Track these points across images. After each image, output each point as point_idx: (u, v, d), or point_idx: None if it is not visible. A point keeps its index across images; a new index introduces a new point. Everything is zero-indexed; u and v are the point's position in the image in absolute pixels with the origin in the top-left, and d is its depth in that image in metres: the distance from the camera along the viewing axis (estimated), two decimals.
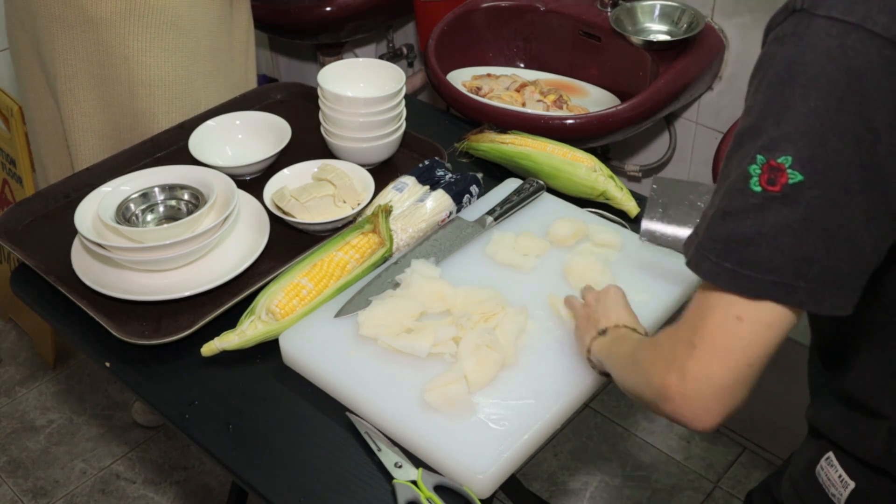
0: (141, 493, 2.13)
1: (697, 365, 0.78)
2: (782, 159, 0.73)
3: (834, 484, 0.94)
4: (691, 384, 0.78)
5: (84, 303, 1.24)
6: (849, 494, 0.93)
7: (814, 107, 0.72)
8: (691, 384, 0.78)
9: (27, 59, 1.72)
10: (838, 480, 0.94)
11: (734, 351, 0.77)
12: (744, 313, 0.76)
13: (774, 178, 0.73)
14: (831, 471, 0.94)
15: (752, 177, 0.74)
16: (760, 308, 0.76)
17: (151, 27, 1.61)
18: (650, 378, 0.83)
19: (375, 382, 1.11)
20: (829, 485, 0.95)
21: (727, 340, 0.77)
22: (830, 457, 0.95)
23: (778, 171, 0.73)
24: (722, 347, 0.77)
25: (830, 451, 0.95)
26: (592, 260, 1.26)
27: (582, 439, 2.22)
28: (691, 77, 1.84)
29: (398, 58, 2.56)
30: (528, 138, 1.49)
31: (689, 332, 0.79)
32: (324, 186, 1.39)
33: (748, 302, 0.76)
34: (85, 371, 2.43)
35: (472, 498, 1.00)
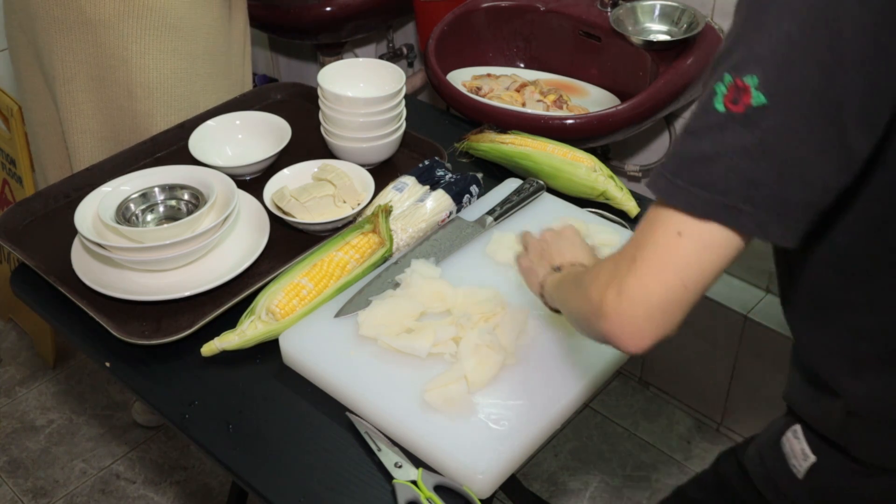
0: (141, 493, 2.13)
1: (636, 280, 0.76)
2: (748, 79, 0.72)
3: (796, 456, 0.95)
4: (626, 301, 0.76)
5: (84, 303, 1.24)
6: (808, 467, 0.94)
7: (786, 31, 0.71)
8: (626, 301, 0.76)
9: (26, 60, 1.72)
10: (801, 453, 0.95)
11: (670, 267, 0.75)
12: (685, 229, 0.75)
13: (738, 98, 0.72)
14: (796, 443, 0.96)
15: (716, 95, 0.73)
16: (702, 227, 0.74)
17: (150, 29, 1.61)
18: (589, 294, 0.81)
19: (375, 382, 1.11)
20: (791, 456, 0.96)
21: (665, 255, 0.75)
22: (797, 429, 0.96)
23: (743, 92, 0.72)
24: (660, 262, 0.75)
25: (798, 424, 0.97)
26: None
27: (582, 439, 2.22)
28: (691, 77, 1.84)
29: (398, 58, 2.56)
30: (528, 138, 1.49)
31: (633, 248, 0.78)
32: (324, 186, 1.39)
33: (691, 219, 0.74)
34: (85, 371, 2.43)
35: (472, 498, 1.00)
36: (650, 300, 0.76)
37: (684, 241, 0.75)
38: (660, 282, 0.75)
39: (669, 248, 0.75)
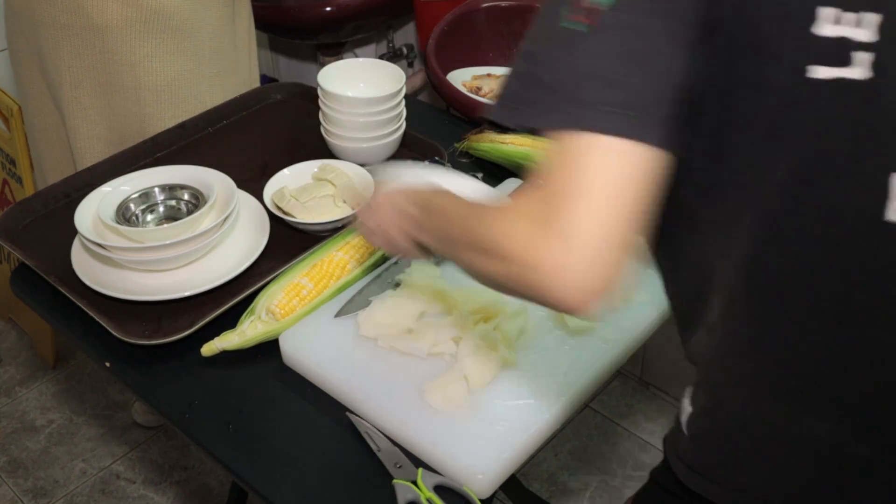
0: (141, 493, 2.13)
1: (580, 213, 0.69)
2: None
3: (683, 414, 0.95)
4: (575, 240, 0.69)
5: (84, 303, 1.24)
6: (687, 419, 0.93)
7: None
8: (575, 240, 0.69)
9: (28, 66, 1.71)
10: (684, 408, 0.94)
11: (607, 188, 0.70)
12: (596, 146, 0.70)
13: (586, 10, 0.71)
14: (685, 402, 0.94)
15: (560, 16, 0.73)
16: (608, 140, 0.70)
17: (157, 32, 1.61)
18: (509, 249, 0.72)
19: (375, 382, 1.11)
20: (681, 415, 0.95)
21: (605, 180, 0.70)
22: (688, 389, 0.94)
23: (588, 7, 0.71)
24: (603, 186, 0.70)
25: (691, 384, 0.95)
26: None
27: (582, 439, 2.22)
28: None
29: (398, 58, 2.56)
30: (528, 138, 1.49)
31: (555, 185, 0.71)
32: (324, 186, 1.39)
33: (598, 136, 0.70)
34: (85, 371, 2.43)
35: (472, 498, 1.00)
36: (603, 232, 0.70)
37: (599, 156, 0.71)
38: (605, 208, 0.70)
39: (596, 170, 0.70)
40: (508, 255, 0.72)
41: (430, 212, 0.89)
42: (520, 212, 0.73)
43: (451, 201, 0.86)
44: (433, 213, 0.88)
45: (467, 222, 0.80)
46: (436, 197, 0.90)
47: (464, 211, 0.82)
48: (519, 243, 0.71)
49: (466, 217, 0.81)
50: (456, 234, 0.82)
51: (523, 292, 0.74)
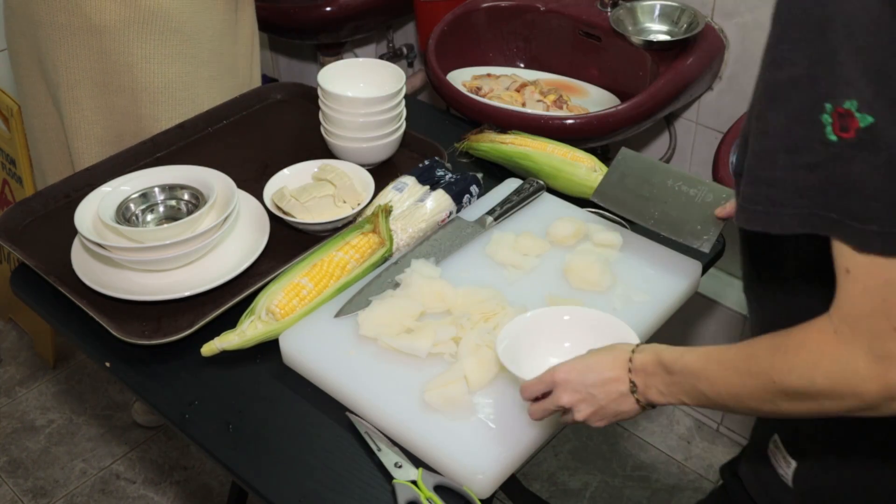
0: (141, 493, 2.13)
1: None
2: (848, 104, 0.69)
3: (780, 464, 0.97)
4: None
5: (84, 303, 1.24)
6: (793, 473, 0.95)
7: (864, 44, 0.68)
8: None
9: (27, 66, 1.71)
10: (783, 461, 0.96)
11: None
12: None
13: (846, 125, 0.69)
14: (777, 452, 0.97)
15: (825, 126, 0.70)
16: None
17: (155, 34, 1.61)
18: (856, 391, 0.74)
19: (375, 382, 1.11)
20: (777, 465, 0.97)
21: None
22: (776, 439, 0.97)
23: (848, 117, 0.69)
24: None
25: (776, 433, 0.98)
26: (592, 260, 1.26)
27: (582, 439, 2.22)
28: (691, 77, 1.84)
29: (398, 58, 2.56)
30: (528, 138, 1.49)
31: (881, 319, 0.71)
32: (324, 186, 1.39)
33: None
34: (85, 371, 2.43)
35: (472, 498, 1.00)
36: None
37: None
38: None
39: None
40: (857, 396, 0.74)
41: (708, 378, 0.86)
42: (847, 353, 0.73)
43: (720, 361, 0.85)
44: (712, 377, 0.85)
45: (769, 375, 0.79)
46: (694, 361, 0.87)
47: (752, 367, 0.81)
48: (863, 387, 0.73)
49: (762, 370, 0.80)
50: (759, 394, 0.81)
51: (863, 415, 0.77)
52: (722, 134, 1.96)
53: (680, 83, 1.82)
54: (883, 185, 0.69)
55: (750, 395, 0.82)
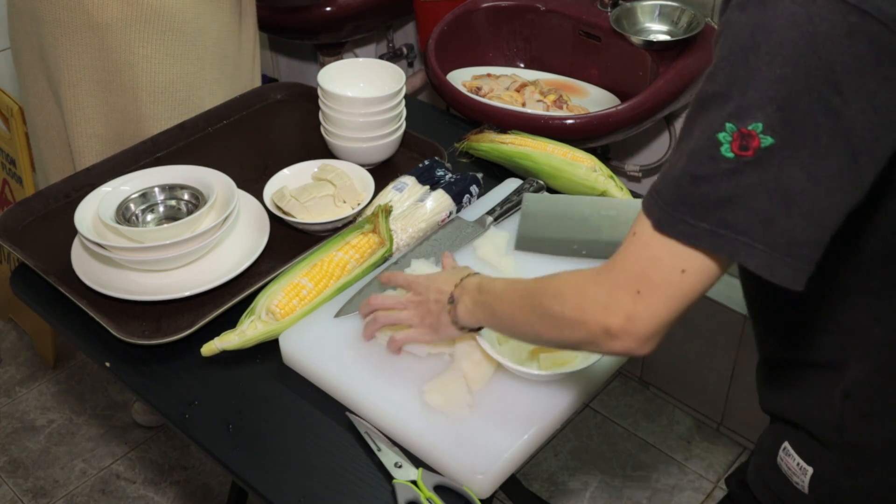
0: (141, 493, 2.13)
1: (645, 309, 0.81)
2: (753, 126, 0.74)
3: (795, 472, 0.96)
4: (638, 324, 0.82)
5: (84, 303, 1.24)
6: (809, 480, 0.95)
7: (780, 74, 0.72)
8: (638, 324, 0.82)
9: (30, 64, 1.71)
10: (797, 468, 0.96)
11: (679, 297, 0.80)
12: (688, 266, 0.79)
13: (747, 144, 0.74)
14: (790, 460, 0.97)
15: (722, 144, 0.75)
16: (708, 262, 0.79)
17: (157, 33, 1.61)
18: (587, 324, 0.85)
19: (375, 382, 1.11)
20: (790, 473, 0.97)
21: (673, 290, 0.80)
22: (787, 446, 0.98)
23: (749, 137, 0.74)
24: (668, 296, 0.80)
25: (786, 440, 0.98)
26: None
27: (582, 439, 2.22)
28: (691, 77, 1.84)
29: (398, 58, 2.56)
30: (528, 138, 1.49)
31: (630, 279, 0.81)
32: (324, 186, 1.39)
33: (700, 255, 0.78)
34: (85, 371, 2.43)
35: (472, 498, 1.00)
36: (662, 320, 0.81)
37: (688, 276, 0.79)
38: (669, 309, 0.81)
39: (675, 284, 0.80)
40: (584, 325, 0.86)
41: (501, 296, 0.99)
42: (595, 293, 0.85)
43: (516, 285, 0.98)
44: (504, 296, 0.99)
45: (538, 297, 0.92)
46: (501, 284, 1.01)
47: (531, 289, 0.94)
48: (592, 321, 0.85)
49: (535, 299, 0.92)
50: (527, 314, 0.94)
51: (586, 349, 0.91)
52: None
53: (680, 83, 1.82)
54: (764, 200, 0.74)
55: (522, 315, 0.94)
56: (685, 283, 0.80)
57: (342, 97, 1.45)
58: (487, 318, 1.01)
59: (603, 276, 0.84)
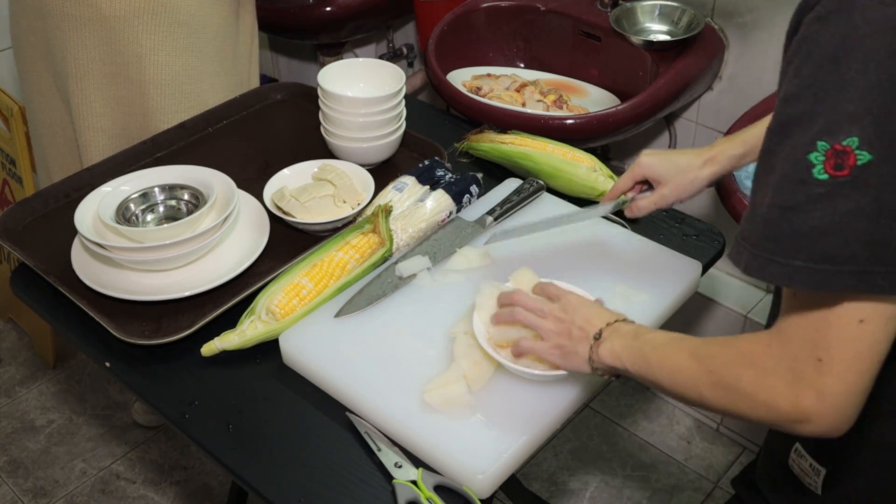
0: (141, 493, 2.13)
1: (833, 380, 0.74)
2: (848, 141, 0.69)
3: (807, 473, 0.96)
4: (830, 401, 0.74)
5: (84, 303, 1.24)
6: (822, 480, 0.94)
7: (875, 81, 0.68)
8: (830, 401, 0.74)
9: (33, 61, 1.72)
10: (810, 469, 0.95)
11: (864, 355, 0.74)
12: (865, 315, 0.72)
13: (842, 163, 0.69)
14: (802, 461, 0.96)
15: (814, 165, 0.70)
16: (877, 304, 0.72)
17: (164, 26, 1.61)
18: (771, 403, 0.78)
19: (375, 382, 1.11)
20: (803, 474, 0.96)
21: (856, 347, 0.73)
22: (798, 448, 0.96)
23: (844, 155, 0.69)
24: (852, 356, 0.73)
25: (797, 441, 0.97)
26: None
27: (582, 439, 2.22)
28: (691, 77, 1.84)
29: (398, 58, 2.56)
30: (528, 138, 1.49)
31: (808, 348, 0.75)
32: (324, 186, 1.39)
33: (867, 303, 0.72)
34: (85, 371, 2.43)
35: (472, 498, 1.00)
36: (855, 391, 0.75)
37: (868, 326, 0.73)
38: (859, 371, 0.74)
39: (857, 339, 0.73)
40: (770, 408, 0.78)
41: (661, 350, 0.91)
42: (773, 367, 0.77)
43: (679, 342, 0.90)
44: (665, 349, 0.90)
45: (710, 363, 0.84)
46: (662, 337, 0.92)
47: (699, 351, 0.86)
48: (777, 401, 0.77)
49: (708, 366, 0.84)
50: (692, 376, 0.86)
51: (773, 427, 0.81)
52: (722, 134, 1.96)
53: (680, 83, 1.82)
54: (864, 224, 0.70)
55: (685, 376, 0.86)
56: (867, 334, 0.73)
57: (342, 97, 1.45)
58: (637, 367, 0.93)
59: (776, 346, 0.77)
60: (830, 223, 0.70)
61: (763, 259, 0.73)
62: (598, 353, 0.96)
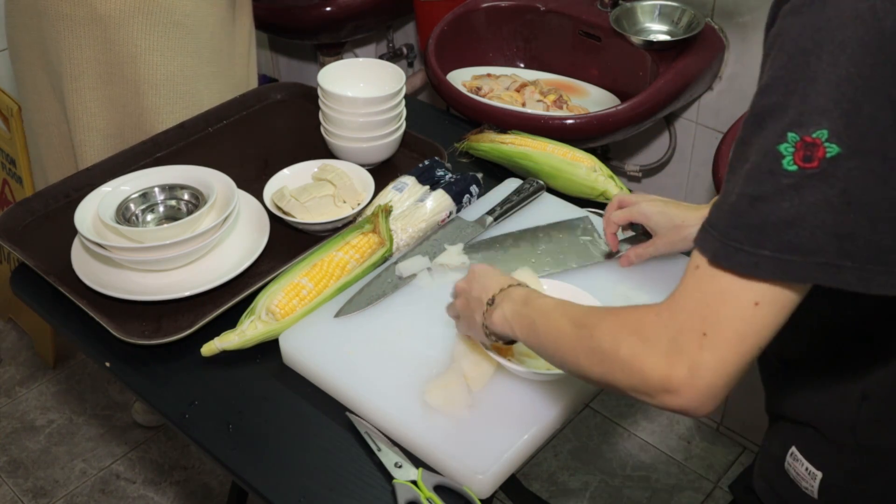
0: (141, 493, 2.13)
1: (711, 356, 0.73)
2: (817, 133, 0.69)
3: (803, 477, 0.95)
4: (702, 375, 0.74)
5: (84, 303, 1.24)
6: (819, 484, 0.94)
7: (845, 74, 0.68)
8: (702, 375, 0.74)
9: (29, 60, 1.72)
10: (806, 473, 0.95)
11: (750, 337, 0.73)
12: (764, 297, 0.72)
13: (811, 154, 0.69)
14: (798, 465, 0.96)
15: (784, 156, 0.70)
16: (783, 292, 0.72)
17: (159, 26, 1.61)
18: (644, 372, 0.77)
19: (375, 382, 1.11)
20: (799, 478, 0.96)
21: (743, 327, 0.73)
22: (794, 452, 0.96)
23: (814, 147, 0.69)
24: (738, 335, 0.73)
25: (793, 445, 0.97)
26: None
27: (582, 439, 2.22)
28: (691, 77, 1.84)
29: (398, 58, 2.56)
30: (528, 138, 1.49)
31: (696, 321, 0.74)
32: (324, 186, 1.39)
33: (773, 286, 0.72)
34: (85, 371, 2.43)
35: (472, 498, 1.00)
36: (729, 370, 0.74)
37: (763, 309, 0.73)
38: (739, 353, 0.74)
39: (747, 320, 0.73)
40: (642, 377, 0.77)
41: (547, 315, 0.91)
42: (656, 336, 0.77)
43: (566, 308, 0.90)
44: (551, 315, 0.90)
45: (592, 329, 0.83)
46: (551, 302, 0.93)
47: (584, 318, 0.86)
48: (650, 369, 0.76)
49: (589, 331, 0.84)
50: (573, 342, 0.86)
51: (634, 398, 0.80)
52: (722, 134, 1.96)
53: (680, 83, 1.82)
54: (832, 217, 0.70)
55: (567, 342, 0.86)
56: (759, 317, 0.72)
57: (342, 97, 1.45)
58: (525, 332, 0.94)
59: (665, 316, 0.77)
60: (797, 214, 0.70)
61: (731, 248, 0.73)
62: (491, 319, 0.98)
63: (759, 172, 0.72)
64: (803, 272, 0.71)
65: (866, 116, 0.69)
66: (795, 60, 0.71)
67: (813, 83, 0.69)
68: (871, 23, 0.68)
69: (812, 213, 0.70)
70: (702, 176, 2.10)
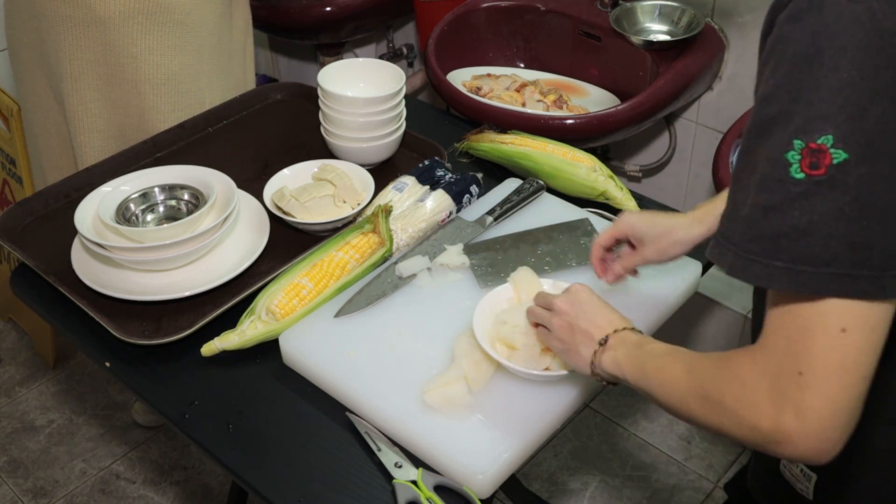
0: (141, 493, 2.13)
1: (814, 396, 0.70)
2: (822, 139, 0.68)
3: (798, 479, 0.95)
4: (812, 419, 0.70)
5: (84, 303, 1.24)
6: (814, 486, 0.94)
7: (847, 78, 0.68)
8: (812, 419, 0.70)
9: (28, 61, 1.72)
10: (801, 475, 0.95)
11: (848, 367, 0.70)
12: (847, 323, 0.69)
13: (817, 161, 0.68)
14: (793, 467, 0.96)
15: (791, 164, 0.69)
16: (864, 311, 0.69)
17: (158, 25, 1.61)
18: (752, 422, 0.74)
19: (375, 382, 1.11)
20: (794, 480, 0.96)
21: (839, 358, 0.69)
22: None
23: (820, 153, 0.68)
24: (835, 368, 0.70)
25: None
26: None
27: (582, 439, 2.22)
28: (691, 77, 1.84)
29: (398, 58, 2.56)
30: (528, 138, 1.49)
31: (789, 360, 0.71)
32: (324, 186, 1.39)
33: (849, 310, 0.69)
34: (85, 371, 2.43)
35: (472, 498, 1.00)
36: (839, 408, 0.70)
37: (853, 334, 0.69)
38: (844, 386, 0.70)
39: (840, 350, 0.69)
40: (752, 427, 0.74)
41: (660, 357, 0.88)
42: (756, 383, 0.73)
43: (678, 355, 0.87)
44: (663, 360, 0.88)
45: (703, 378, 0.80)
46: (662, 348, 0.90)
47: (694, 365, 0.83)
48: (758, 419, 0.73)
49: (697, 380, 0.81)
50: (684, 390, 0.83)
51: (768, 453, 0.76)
52: (722, 134, 1.97)
53: (680, 83, 1.82)
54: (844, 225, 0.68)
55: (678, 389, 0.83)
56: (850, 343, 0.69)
57: (342, 97, 1.45)
58: (635, 375, 0.90)
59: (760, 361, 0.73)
60: (809, 223, 0.69)
61: (746, 260, 0.72)
62: (601, 360, 0.95)
63: (768, 182, 0.71)
64: (818, 283, 0.69)
65: (873, 120, 0.68)
66: (797, 67, 0.70)
67: (816, 89, 0.69)
68: (870, 25, 0.68)
69: (824, 222, 0.69)
70: (702, 176, 2.10)
